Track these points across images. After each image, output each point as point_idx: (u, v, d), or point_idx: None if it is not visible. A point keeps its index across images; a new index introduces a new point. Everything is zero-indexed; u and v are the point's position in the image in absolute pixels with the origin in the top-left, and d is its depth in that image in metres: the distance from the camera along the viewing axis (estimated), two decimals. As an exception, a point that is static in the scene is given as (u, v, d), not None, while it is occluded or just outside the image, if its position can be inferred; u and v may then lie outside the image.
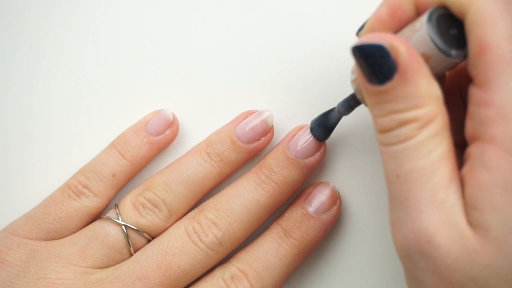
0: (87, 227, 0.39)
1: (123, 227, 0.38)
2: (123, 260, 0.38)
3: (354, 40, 0.31)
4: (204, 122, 0.41)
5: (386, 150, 0.30)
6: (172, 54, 0.41)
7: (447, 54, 0.30)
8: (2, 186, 0.42)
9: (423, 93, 0.29)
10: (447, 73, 0.35)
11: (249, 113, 0.40)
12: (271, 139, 0.40)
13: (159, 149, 0.40)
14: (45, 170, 0.41)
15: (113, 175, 0.39)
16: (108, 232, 0.38)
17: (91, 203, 0.39)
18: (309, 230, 0.38)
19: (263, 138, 0.39)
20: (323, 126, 0.37)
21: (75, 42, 0.42)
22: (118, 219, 0.38)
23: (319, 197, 0.39)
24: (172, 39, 0.41)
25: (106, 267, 0.38)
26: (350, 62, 0.40)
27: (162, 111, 0.40)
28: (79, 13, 0.42)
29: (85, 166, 0.40)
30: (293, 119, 0.41)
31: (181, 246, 0.37)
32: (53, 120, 0.42)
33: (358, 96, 0.34)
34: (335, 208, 0.39)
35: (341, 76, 0.40)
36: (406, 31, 0.31)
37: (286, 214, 0.39)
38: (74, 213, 0.39)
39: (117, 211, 0.38)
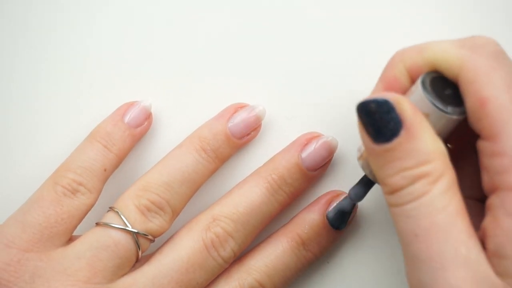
0: (87, 235, 0.36)
1: (134, 234, 0.36)
2: (130, 266, 0.37)
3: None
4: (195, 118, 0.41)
5: (400, 210, 0.30)
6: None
7: (443, 110, 0.31)
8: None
9: (430, 148, 0.29)
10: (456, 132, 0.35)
11: (238, 107, 0.40)
12: (259, 132, 0.40)
13: (138, 140, 0.40)
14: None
15: (104, 170, 0.38)
16: (118, 241, 0.36)
17: (87, 199, 0.37)
18: (327, 244, 0.39)
19: (253, 132, 0.40)
20: (340, 217, 0.38)
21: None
22: (127, 226, 0.36)
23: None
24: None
25: (116, 277, 0.36)
26: (350, 60, 0.40)
27: (140, 102, 0.40)
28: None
29: (71, 162, 0.38)
30: (292, 119, 0.41)
31: (202, 262, 0.37)
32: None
33: (366, 172, 0.34)
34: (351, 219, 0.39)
35: (342, 76, 0.40)
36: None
37: (306, 226, 0.38)
38: (75, 213, 0.37)
39: (122, 216, 0.37)
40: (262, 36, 0.41)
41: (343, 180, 0.40)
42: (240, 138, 0.39)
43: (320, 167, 0.39)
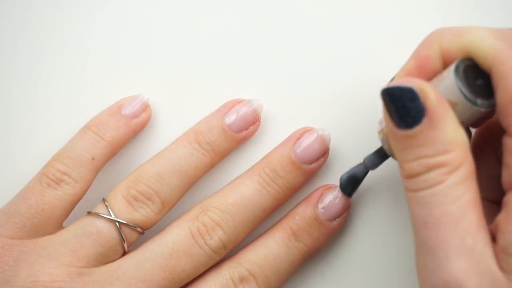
0: (75, 224, 0.37)
1: (116, 223, 0.37)
2: (116, 255, 0.37)
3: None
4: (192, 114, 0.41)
5: (414, 196, 0.30)
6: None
7: (473, 102, 0.30)
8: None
9: (451, 138, 0.29)
10: (480, 131, 0.35)
11: (237, 102, 0.40)
12: (258, 127, 0.40)
13: (135, 132, 0.40)
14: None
15: (92, 158, 0.38)
16: (100, 230, 0.36)
17: (72, 189, 0.37)
18: (320, 237, 0.38)
19: (251, 127, 0.40)
20: (352, 182, 0.38)
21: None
22: (110, 215, 0.37)
23: (334, 205, 0.38)
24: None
25: (101, 264, 0.37)
26: (349, 60, 0.40)
27: (138, 95, 0.40)
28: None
29: (60, 152, 0.38)
30: (292, 119, 0.41)
31: (187, 249, 0.37)
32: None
33: (385, 147, 0.34)
34: (345, 214, 0.39)
35: (341, 76, 0.40)
36: (434, 81, 0.32)
37: (297, 217, 0.38)
38: (57, 203, 0.37)
39: (108, 206, 0.37)
40: (262, 36, 0.41)
41: (339, 175, 0.40)
42: (238, 132, 0.39)
43: (314, 161, 0.39)
